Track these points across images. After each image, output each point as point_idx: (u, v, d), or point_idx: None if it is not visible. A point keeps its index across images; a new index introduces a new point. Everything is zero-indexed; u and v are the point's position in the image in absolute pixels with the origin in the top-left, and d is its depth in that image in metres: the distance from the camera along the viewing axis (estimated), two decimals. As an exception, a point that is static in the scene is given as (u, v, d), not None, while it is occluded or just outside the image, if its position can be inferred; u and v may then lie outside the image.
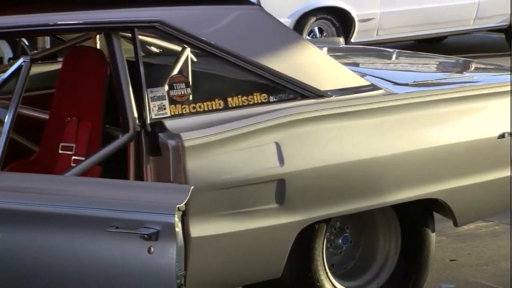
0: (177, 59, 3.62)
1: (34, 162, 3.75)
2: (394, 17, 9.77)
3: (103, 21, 3.49)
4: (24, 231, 2.96)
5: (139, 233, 2.87)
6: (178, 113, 3.51)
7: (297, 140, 3.62)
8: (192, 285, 3.07)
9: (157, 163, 3.42)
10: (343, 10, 9.50)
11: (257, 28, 3.82)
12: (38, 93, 4.00)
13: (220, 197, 3.46)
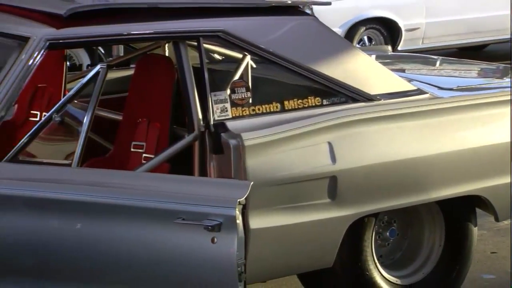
0: (238, 65, 3.62)
1: (109, 159, 3.78)
2: (439, 26, 9.68)
3: (172, 31, 3.51)
4: (99, 222, 2.97)
5: (204, 225, 2.87)
6: (239, 115, 3.51)
7: (348, 140, 3.60)
8: (251, 272, 3.06)
9: (219, 161, 3.42)
10: (391, 20, 9.44)
11: (312, 37, 3.80)
12: (112, 96, 4.03)
13: (277, 192, 3.45)
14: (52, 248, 2.98)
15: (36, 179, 3.07)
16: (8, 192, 2.98)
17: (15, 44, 3.26)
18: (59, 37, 3.28)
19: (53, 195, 2.98)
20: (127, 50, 4.42)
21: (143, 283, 2.98)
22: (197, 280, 2.94)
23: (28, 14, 3.36)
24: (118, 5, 3.47)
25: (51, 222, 2.99)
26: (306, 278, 3.91)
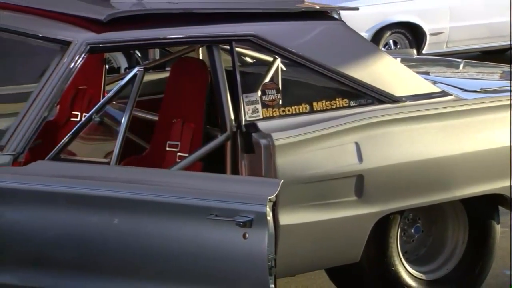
0: (269, 68, 3.61)
1: (145, 157, 3.79)
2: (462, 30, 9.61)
3: (206, 35, 3.51)
4: (136, 218, 2.98)
5: (236, 221, 2.87)
6: (270, 116, 3.51)
7: (375, 140, 3.58)
8: (280, 267, 3.05)
9: (250, 160, 3.42)
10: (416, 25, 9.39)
11: (340, 41, 3.79)
12: (149, 97, 4.04)
13: (306, 190, 3.44)
14: (91, 242, 3.00)
15: (76, 176, 3.09)
16: (50, 188, 3.00)
17: (57, 48, 3.28)
18: (99, 41, 3.30)
19: (92, 192, 3.00)
20: (163, 54, 4.44)
21: (177, 276, 2.98)
22: (229, 274, 2.93)
23: (70, 20, 3.37)
24: (155, 11, 3.49)
25: (90, 218, 3.00)
26: (334, 272, 3.90)
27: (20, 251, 3.01)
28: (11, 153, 3.10)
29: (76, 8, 3.55)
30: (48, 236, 3.01)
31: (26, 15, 3.48)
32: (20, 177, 3.02)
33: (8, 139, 3.12)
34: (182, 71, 3.83)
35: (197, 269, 2.96)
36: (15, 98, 3.43)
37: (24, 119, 3.15)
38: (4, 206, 2.98)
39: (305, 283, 4.21)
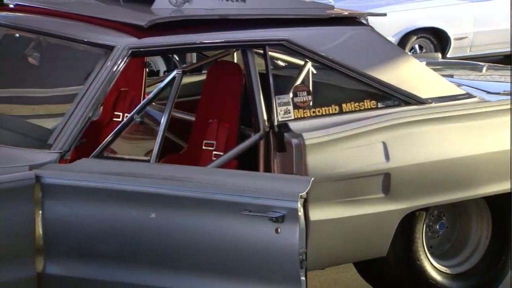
0: (300, 71, 3.61)
1: (183, 156, 3.80)
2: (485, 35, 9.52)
3: (240, 40, 3.51)
4: (174, 213, 2.98)
5: (268, 216, 2.86)
6: (301, 116, 3.51)
7: (401, 140, 3.56)
8: (311, 260, 3.05)
9: (282, 158, 3.42)
10: (441, 30, 9.33)
11: (368, 45, 3.77)
12: (186, 99, 4.05)
13: (335, 187, 3.43)
14: (130, 235, 3.01)
15: (118, 173, 3.11)
16: (94, 184, 3.02)
17: (101, 52, 3.30)
18: (140, 46, 3.31)
19: (133, 188, 3.01)
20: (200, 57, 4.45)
21: (211, 269, 2.98)
22: (261, 266, 2.93)
23: (113, 25, 3.40)
24: (193, 17, 3.49)
25: (130, 212, 3.02)
26: (362, 266, 3.89)
27: (67, 243, 3.04)
28: (58, 151, 3.13)
29: (119, 14, 3.57)
30: (92, 230, 3.03)
31: (73, 21, 3.50)
32: (66, 173, 3.04)
33: (55, 138, 3.15)
34: (218, 74, 3.84)
35: (231, 262, 2.96)
36: (62, 99, 3.46)
37: (70, 119, 3.18)
38: (52, 201, 3.00)
39: (334, 276, 4.20)
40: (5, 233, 2.93)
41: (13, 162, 3.06)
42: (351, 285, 4.13)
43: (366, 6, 8.70)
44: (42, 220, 2.99)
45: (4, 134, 3.37)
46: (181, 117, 4.01)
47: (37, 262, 2.99)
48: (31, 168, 3.02)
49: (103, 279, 3.01)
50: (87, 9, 3.66)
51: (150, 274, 2.99)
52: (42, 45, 3.60)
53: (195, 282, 2.97)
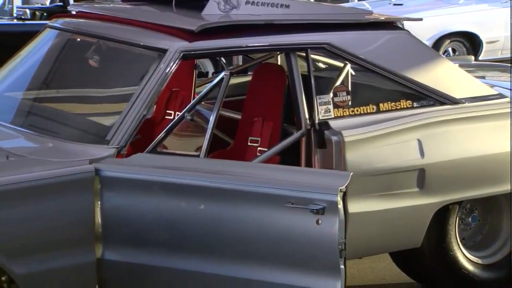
0: (340, 72, 3.59)
1: (229, 151, 3.81)
2: (516, 39, 9.38)
3: (284, 43, 3.52)
4: (222, 205, 3.00)
5: (310, 208, 2.86)
6: (340, 115, 3.50)
7: (436, 137, 3.53)
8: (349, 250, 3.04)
9: (323, 154, 3.41)
10: (473, 34, 9.21)
11: (405, 48, 3.74)
12: (233, 99, 4.06)
13: (372, 182, 3.42)
14: (181, 225, 3.02)
15: (171, 167, 3.13)
16: (148, 177, 3.05)
17: (155, 55, 3.32)
18: (191, 49, 3.33)
19: (184, 181, 3.03)
20: (246, 60, 4.46)
21: (256, 257, 2.98)
22: (303, 256, 2.93)
23: (166, 30, 3.42)
24: (239, 22, 3.50)
25: (181, 204, 3.03)
26: (397, 255, 3.86)
27: (123, 232, 3.07)
28: (115, 147, 3.16)
29: (171, 20, 3.60)
30: (145, 219, 3.06)
31: (130, 26, 3.54)
32: (123, 167, 3.08)
33: (113, 134, 3.18)
34: (262, 75, 3.84)
35: (274, 251, 2.96)
36: (119, 98, 3.49)
37: (127, 117, 3.21)
38: (110, 192, 3.04)
39: (371, 265, 4.18)
40: (68, 221, 2.98)
41: (75, 156, 3.10)
42: (386, 273, 4.10)
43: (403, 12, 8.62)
44: (100, 210, 3.03)
45: (67, 130, 3.42)
46: (228, 115, 4.02)
47: (97, 249, 3.03)
48: (91, 162, 3.06)
49: (155, 265, 3.04)
50: (143, 15, 3.69)
51: (199, 261, 3.00)
52: (102, 49, 3.65)
53: (240, 269, 2.98)
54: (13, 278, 2.90)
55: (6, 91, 3.78)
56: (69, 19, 3.87)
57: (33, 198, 2.92)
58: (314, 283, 2.89)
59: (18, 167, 3.04)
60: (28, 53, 3.84)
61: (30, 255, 2.89)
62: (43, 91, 3.78)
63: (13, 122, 3.48)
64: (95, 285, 3.05)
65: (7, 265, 2.85)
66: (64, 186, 2.97)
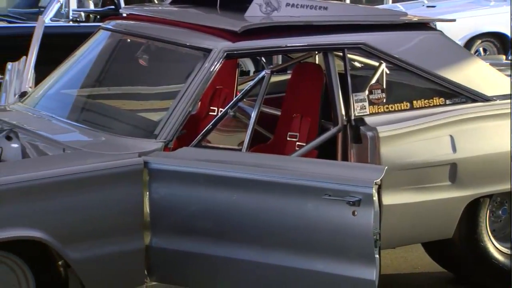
0: (375, 71, 3.55)
1: (269, 146, 3.80)
2: (545, 39, 9.18)
3: (322, 44, 3.49)
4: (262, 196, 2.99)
5: (346, 200, 2.84)
6: (375, 112, 3.46)
7: (468, 133, 3.48)
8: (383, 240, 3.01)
9: (358, 149, 3.39)
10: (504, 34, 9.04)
11: (438, 48, 3.68)
12: (273, 96, 4.05)
13: (405, 175, 3.38)
14: (224, 215, 3.02)
15: (214, 160, 3.13)
16: (193, 170, 3.05)
17: (200, 55, 3.33)
18: (234, 49, 3.32)
19: (227, 173, 3.03)
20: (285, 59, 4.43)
21: (295, 246, 2.97)
22: (339, 245, 2.91)
23: (210, 31, 3.42)
24: (280, 23, 3.48)
25: (224, 195, 3.03)
26: (429, 246, 3.81)
27: (169, 221, 3.08)
28: (163, 141, 3.17)
29: (216, 21, 3.60)
30: (191, 209, 3.07)
31: (177, 28, 3.54)
32: (170, 160, 3.09)
33: (160, 129, 3.19)
34: (301, 74, 3.82)
35: (312, 241, 2.94)
36: (166, 95, 3.51)
37: (173, 113, 3.22)
38: (158, 184, 3.05)
39: (404, 255, 4.13)
40: (119, 210, 3.01)
41: (125, 149, 3.12)
42: (419, 263, 4.06)
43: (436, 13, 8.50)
44: (149, 200, 3.05)
45: (118, 125, 3.44)
46: (269, 111, 4.01)
47: (145, 236, 3.05)
48: (140, 155, 3.08)
49: (200, 252, 3.05)
50: (189, 17, 3.69)
51: (240, 249, 3.00)
52: (151, 49, 3.66)
53: (279, 257, 2.97)
54: (68, 262, 2.93)
55: (62, 89, 3.83)
56: (121, 21, 3.90)
57: (87, 188, 2.95)
58: (350, 271, 2.87)
59: (73, 159, 3.07)
60: (82, 53, 3.88)
61: (83, 242, 2.92)
62: (96, 89, 3.81)
63: (68, 117, 3.52)
64: (144, 270, 3.07)
65: (63, 250, 2.88)
66: (115, 178, 3.00)
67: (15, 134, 3.22)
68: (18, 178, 2.85)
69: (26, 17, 7.02)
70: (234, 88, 4.21)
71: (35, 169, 2.92)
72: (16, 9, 7.32)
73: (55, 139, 3.25)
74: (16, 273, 2.91)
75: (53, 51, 4.57)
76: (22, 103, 3.74)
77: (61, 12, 7.01)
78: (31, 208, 2.84)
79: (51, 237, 2.84)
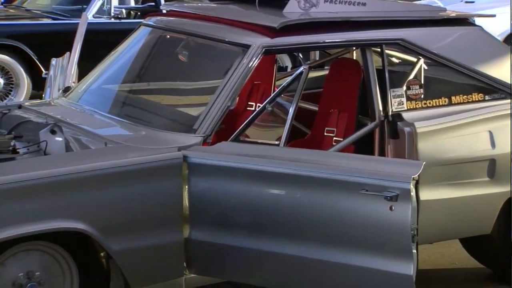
0: (413, 67, 3.51)
1: (307, 141, 3.78)
2: None
3: (360, 39, 3.46)
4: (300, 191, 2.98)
5: (384, 195, 2.81)
6: (413, 107, 3.42)
7: (507, 129, 3.41)
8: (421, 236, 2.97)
9: (395, 144, 3.36)
10: (544, 29, 8.85)
11: (478, 43, 3.63)
12: (311, 91, 4.03)
13: (443, 171, 3.34)
14: (261, 209, 3.02)
15: (252, 155, 3.13)
16: (232, 164, 3.05)
17: (239, 51, 3.32)
18: (273, 44, 3.31)
19: (265, 168, 3.02)
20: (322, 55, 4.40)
21: (331, 240, 2.95)
22: (376, 240, 2.88)
23: (249, 27, 3.41)
24: (318, 19, 3.46)
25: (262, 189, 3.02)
26: (467, 241, 3.76)
27: (208, 214, 3.09)
28: (202, 135, 3.18)
29: (254, 17, 3.58)
30: (229, 203, 3.07)
31: (216, 24, 3.54)
32: (209, 154, 3.09)
33: (199, 124, 3.20)
34: (339, 70, 3.79)
35: (349, 235, 2.92)
36: (206, 91, 3.51)
37: (212, 108, 3.22)
38: (197, 177, 3.06)
39: (441, 250, 4.08)
40: (158, 203, 3.02)
41: (165, 144, 3.13)
42: (456, 258, 4.00)
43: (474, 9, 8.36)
44: (188, 194, 3.06)
45: (158, 120, 3.46)
46: (306, 107, 3.99)
47: (184, 229, 3.06)
48: (179, 149, 3.09)
49: (238, 246, 3.05)
50: (228, 13, 3.69)
51: (277, 243, 2.99)
52: (190, 45, 3.67)
53: (317, 251, 2.95)
54: (110, 254, 2.96)
55: (104, 84, 3.86)
56: (161, 17, 3.91)
57: (127, 182, 2.97)
58: (388, 266, 2.84)
59: (115, 153, 3.10)
60: (124, 49, 3.91)
61: (124, 234, 2.95)
62: (137, 84, 3.84)
63: (110, 112, 3.55)
64: (183, 263, 3.09)
65: (105, 242, 2.91)
66: (155, 171, 3.01)
67: (59, 128, 3.26)
68: (63, 171, 2.89)
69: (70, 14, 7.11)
70: (272, 83, 4.20)
71: (78, 163, 2.95)
72: (60, 6, 7.42)
73: (97, 133, 3.28)
74: (60, 264, 2.95)
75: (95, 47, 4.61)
76: (65, 98, 3.79)
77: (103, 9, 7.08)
78: (74, 200, 2.87)
79: (93, 229, 2.87)
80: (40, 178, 2.83)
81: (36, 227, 2.80)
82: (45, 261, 2.91)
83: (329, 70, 3.91)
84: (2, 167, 2.94)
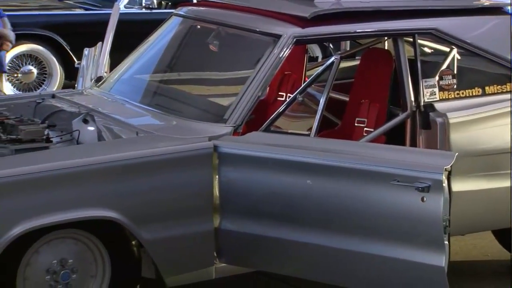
0: (446, 57, 3.46)
1: (338, 131, 3.76)
2: None
3: (392, 29, 3.42)
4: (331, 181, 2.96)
5: (415, 186, 2.78)
6: (445, 98, 3.38)
7: (541, 120, 3.34)
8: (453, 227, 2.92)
9: (427, 135, 3.32)
10: None
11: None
12: (341, 81, 3.99)
13: (475, 162, 3.29)
14: (291, 199, 3.01)
15: (283, 145, 3.11)
16: (262, 154, 3.05)
17: (270, 41, 3.30)
18: (304, 34, 3.29)
19: (296, 158, 3.01)
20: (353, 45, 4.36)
21: (362, 231, 2.93)
22: (408, 231, 2.85)
23: (280, 17, 3.39)
24: (350, 9, 3.43)
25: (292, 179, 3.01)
26: (500, 233, 3.70)
27: (238, 204, 3.08)
28: (232, 125, 3.17)
29: (286, 7, 3.56)
30: (259, 193, 3.06)
31: (247, 13, 3.53)
32: (239, 144, 3.09)
33: (230, 114, 3.19)
34: (370, 60, 3.75)
35: (380, 226, 2.90)
36: (236, 81, 3.50)
37: (243, 98, 3.21)
38: (227, 167, 3.06)
39: (473, 242, 4.03)
40: (189, 193, 3.03)
41: (196, 133, 3.13)
42: (488, 250, 3.95)
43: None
44: (218, 183, 3.06)
45: (189, 110, 3.46)
46: (337, 97, 3.96)
47: (215, 219, 3.06)
48: (210, 139, 3.09)
49: (268, 236, 3.04)
50: (259, 3, 3.67)
51: (307, 233, 2.98)
52: (221, 34, 3.66)
53: (347, 242, 2.93)
54: (141, 242, 2.97)
55: (135, 74, 3.87)
56: (192, 7, 3.91)
57: (158, 171, 2.98)
58: (419, 257, 2.81)
59: (146, 142, 3.10)
60: (155, 39, 3.91)
61: (156, 222, 2.96)
62: (168, 74, 3.84)
63: (141, 102, 3.56)
64: (213, 252, 3.09)
65: (136, 230, 2.93)
66: (186, 161, 3.02)
67: (92, 117, 3.29)
68: (95, 160, 2.91)
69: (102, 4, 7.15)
70: (302, 74, 4.17)
71: (111, 152, 2.97)
72: (92, -4, 7.48)
73: (128, 123, 3.30)
74: (92, 252, 2.97)
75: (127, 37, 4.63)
76: (98, 88, 3.81)
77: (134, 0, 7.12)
78: (106, 189, 2.89)
79: (125, 218, 2.89)
80: (73, 167, 2.85)
81: (69, 215, 2.82)
82: (78, 249, 2.94)
83: (361, 60, 3.87)
84: (36, 156, 2.96)
